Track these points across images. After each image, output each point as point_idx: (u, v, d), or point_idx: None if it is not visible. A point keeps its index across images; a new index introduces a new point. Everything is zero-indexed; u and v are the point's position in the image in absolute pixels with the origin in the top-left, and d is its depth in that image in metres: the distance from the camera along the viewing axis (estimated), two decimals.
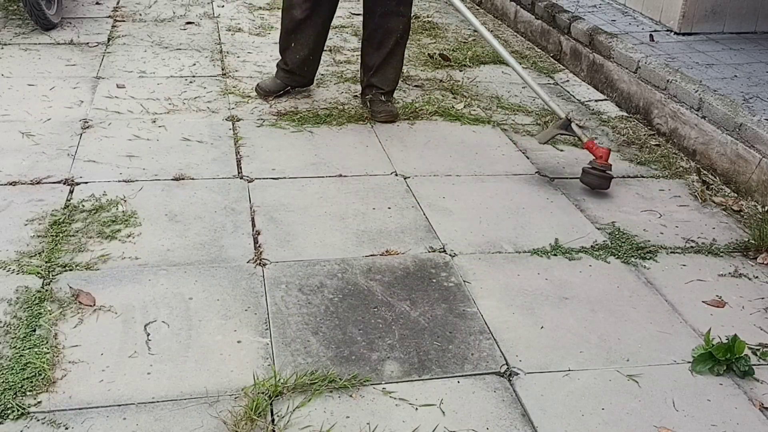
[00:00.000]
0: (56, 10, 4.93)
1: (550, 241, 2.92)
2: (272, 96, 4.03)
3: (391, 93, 3.95)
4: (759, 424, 2.13)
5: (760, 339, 2.47)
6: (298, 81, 4.05)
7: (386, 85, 3.89)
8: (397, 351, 2.30)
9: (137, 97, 3.95)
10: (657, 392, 2.21)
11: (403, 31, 3.80)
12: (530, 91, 4.40)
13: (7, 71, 4.19)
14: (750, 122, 3.41)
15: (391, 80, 3.90)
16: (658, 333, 2.47)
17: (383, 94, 3.88)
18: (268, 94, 4.03)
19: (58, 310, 2.35)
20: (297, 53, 3.90)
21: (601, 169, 3.24)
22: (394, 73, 3.90)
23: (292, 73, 4.00)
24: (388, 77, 3.88)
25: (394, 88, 3.95)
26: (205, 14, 5.47)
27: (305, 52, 3.89)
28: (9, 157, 3.27)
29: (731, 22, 4.63)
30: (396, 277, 2.65)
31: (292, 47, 3.90)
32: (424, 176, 3.36)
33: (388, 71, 3.87)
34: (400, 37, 3.80)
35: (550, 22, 5.10)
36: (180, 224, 2.87)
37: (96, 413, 2.00)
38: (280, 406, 2.06)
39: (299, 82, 4.06)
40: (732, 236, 3.07)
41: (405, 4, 3.76)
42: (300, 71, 3.99)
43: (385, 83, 3.89)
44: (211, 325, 2.35)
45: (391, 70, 3.88)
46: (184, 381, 2.12)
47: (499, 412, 2.09)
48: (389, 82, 3.90)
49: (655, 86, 4.03)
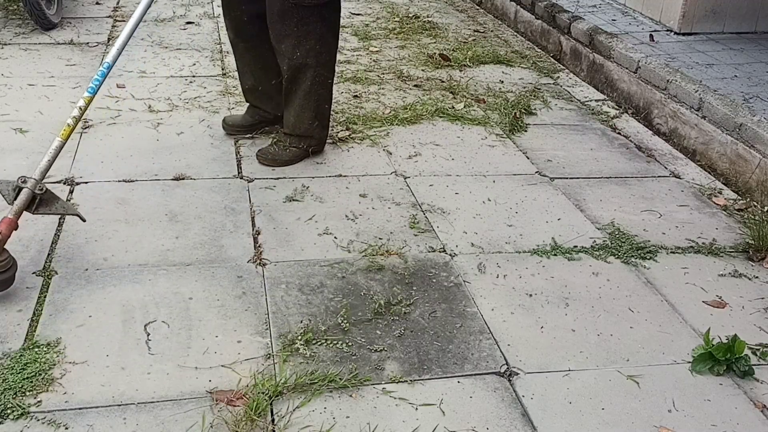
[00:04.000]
0: (56, 10, 4.93)
1: (550, 241, 2.92)
2: (237, 131, 3.54)
3: (290, 137, 3.35)
4: (759, 424, 2.13)
5: (760, 339, 2.47)
6: (263, 115, 3.53)
7: (285, 126, 3.37)
8: (397, 351, 2.30)
9: (137, 97, 3.95)
10: (657, 392, 2.21)
11: (290, 74, 3.19)
12: (532, 90, 4.40)
13: (7, 71, 4.19)
14: (750, 122, 3.41)
15: (289, 123, 3.33)
16: (658, 333, 2.47)
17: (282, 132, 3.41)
18: (234, 128, 3.54)
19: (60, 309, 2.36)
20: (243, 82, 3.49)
21: None
22: (293, 117, 3.30)
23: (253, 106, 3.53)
24: (288, 116, 3.34)
25: (293, 134, 3.33)
26: (205, 14, 5.47)
27: (251, 81, 3.44)
28: (9, 157, 3.27)
29: (731, 22, 4.63)
30: (396, 277, 2.64)
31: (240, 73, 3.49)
32: (424, 176, 3.36)
33: (289, 111, 3.32)
34: (289, 78, 3.20)
35: (550, 22, 5.10)
36: (180, 224, 2.87)
37: (96, 413, 2.00)
38: (280, 406, 2.06)
39: (264, 116, 3.53)
40: (732, 236, 3.07)
41: (286, 44, 3.11)
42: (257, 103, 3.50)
43: (284, 120, 3.38)
44: (211, 325, 2.35)
45: (291, 114, 3.30)
46: (184, 381, 2.12)
47: (499, 412, 2.09)
48: (287, 122, 3.34)
49: (655, 86, 4.03)
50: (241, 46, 3.37)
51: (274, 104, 3.48)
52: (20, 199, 2.28)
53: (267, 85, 3.42)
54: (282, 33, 3.10)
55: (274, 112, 3.50)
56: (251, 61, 3.39)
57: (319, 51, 3.15)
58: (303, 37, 3.10)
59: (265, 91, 3.44)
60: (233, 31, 3.35)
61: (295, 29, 3.08)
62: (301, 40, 3.10)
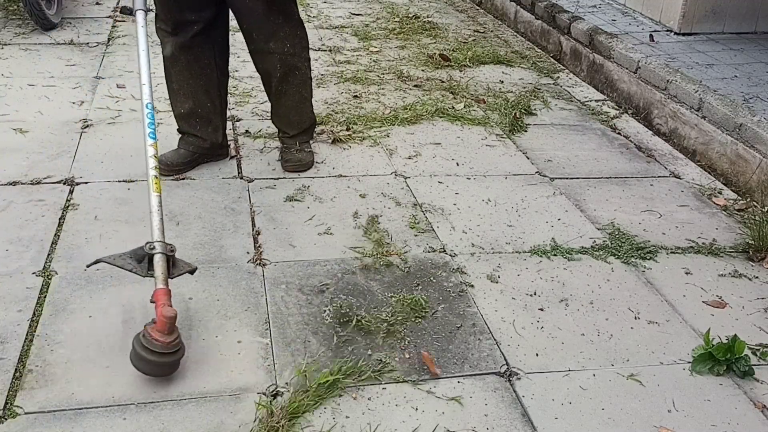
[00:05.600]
0: (56, 10, 4.93)
1: (550, 241, 2.92)
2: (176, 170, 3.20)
3: (299, 136, 3.35)
4: (759, 424, 2.13)
5: (760, 339, 2.47)
6: (199, 145, 3.24)
7: (290, 128, 3.33)
8: (397, 351, 2.30)
9: (137, 97, 3.95)
10: (657, 392, 2.21)
11: (284, 71, 3.13)
12: (532, 90, 4.41)
13: (7, 71, 4.19)
14: (750, 122, 3.41)
15: (294, 122, 3.31)
16: (658, 333, 2.47)
17: (290, 138, 3.34)
18: (171, 168, 3.19)
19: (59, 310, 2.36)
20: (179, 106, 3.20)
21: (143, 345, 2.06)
22: (296, 115, 3.29)
23: (188, 135, 3.24)
24: (289, 119, 3.30)
25: (302, 130, 3.34)
26: None
27: (189, 104, 3.18)
28: (9, 157, 3.27)
29: (731, 22, 4.63)
30: (396, 277, 2.64)
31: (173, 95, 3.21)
32: (424, 176, 3.35)
33: (288, 113, 3.28)
34: (282, 77, 3.14)
35: (550, 22, 5.10)
36: (180, 224, 2.87)
37: (96, 413, 2.00)
38: (280, 406, 2.06)
39: (200, 146, 3.24)
40: (732, 236, 3.07)
41: (275, 41, 3.04)
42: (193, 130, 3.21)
43: (288, 126, 3.33)
44: (211, 325, 2.35)
45: (292, 112, 3.28)
46: (184, 381, 2.12)
47: (499, 412, 2.09)
48: (293, 124, 3.31)
49: (655, 86, 4.03)
50: (183, 60, 3.10)
51: (212, 129, 3.24)
52: (162, 266, 2.18)
53: (206, 107, 3.20)
54: (270, 31, 3.03)
55: (210, 139, 3.24)
56: (193, 79, 3.14)
57: (301, 36, 3.13)
58: (290, 28, 3.07)
59: (204, 114, 3.21)
60: (176, 44, 3.06)
61: (282, 22, 3.03)
62: (288, 32, 3.06)
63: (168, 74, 3.19)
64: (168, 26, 3.05)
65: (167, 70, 3.17)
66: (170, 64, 3.14)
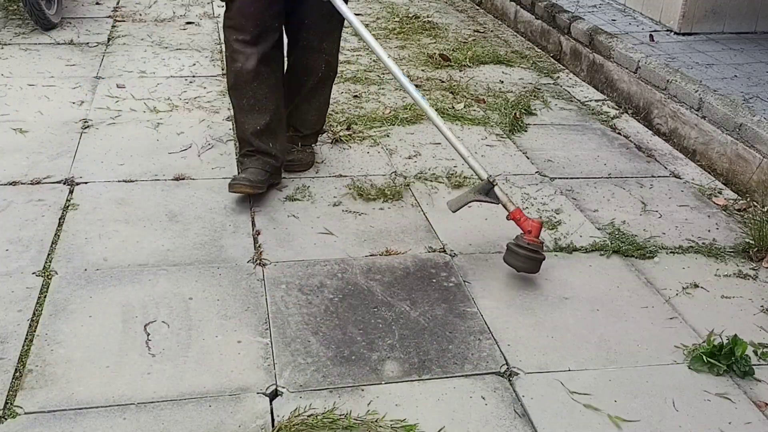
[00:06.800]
0: (56, 10, 4.93)
1: (550, 241, 2.92)
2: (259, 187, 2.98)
3: (310, 137, 3.35)
4: (759, 424, 2.13)
5: (760, 339, 2.47)
6: (272, 164, 3.06)
7: (305, 128, 3.30)
8: (397, 351, 2.30)
9: (137, 97, 3.95)
10: (657, 392, 2.21)
11: (326, 71, 3.14)
12: (532, 90, 4.41)
13: (7, 71, 4.19)
14: (750, 122, 3.41)
15: (311, 122, 3.30)
16: (658, 333, 2.47)
17: (301, 138, 3.31)
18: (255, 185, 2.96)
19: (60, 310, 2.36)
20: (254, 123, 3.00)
21: (528, 247, 2.57)
22: (316, 115, 3.29)
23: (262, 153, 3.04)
24: (308, 119, 3.28)
25: (315, 131, 3.36)
26: (205, 14, 5.47)
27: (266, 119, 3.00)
28: (9, 157, 3.27)
29: (731, 22, 4.63)
30: (396, 277, 2.64)
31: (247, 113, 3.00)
32: (424, 176, 3.35)
33: (309, 112, 3.26)
34: (322, 77, 3.16)
35: (550, 22, 5.10)
36: (180, 224, 2.87)
37: (96, 413, 2.00)
38: (280, 406, 2.06)
39: (272, 165, 3.07)
40: (732, 236, 3.07)
41: (329, 41, 3.07)
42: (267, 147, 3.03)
43: (304, 125, 3.29)
44: (211, 325, 2.35)
45: (313, 112, 3.27)
46: (184, 381, 2.12)
47: (499, 412, 2.09)
48: (309, 124, 3.30)
49: (655, 86, 4.03)
50: (264, 72, 2.93)
51: (281, 146, 3.10)
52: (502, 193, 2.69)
53: (281, 122, 3.10)
54: (327, 30, 3.05)
55: (281, 157, 3.11)
56: (270, 92, 2.97)
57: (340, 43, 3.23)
58: (339, 32, 3.14)
59: (279, 129, 3.08)
60: (259, 55, 2.89)
61: (336, 24, 3.08)
62: (337, 36, 3.13)
63: (241, 91, 2.95)
64: (250, 35, 2.86)
65: (242, 86, 2.93)
66: (250, 79, 2.90)
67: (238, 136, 3.11)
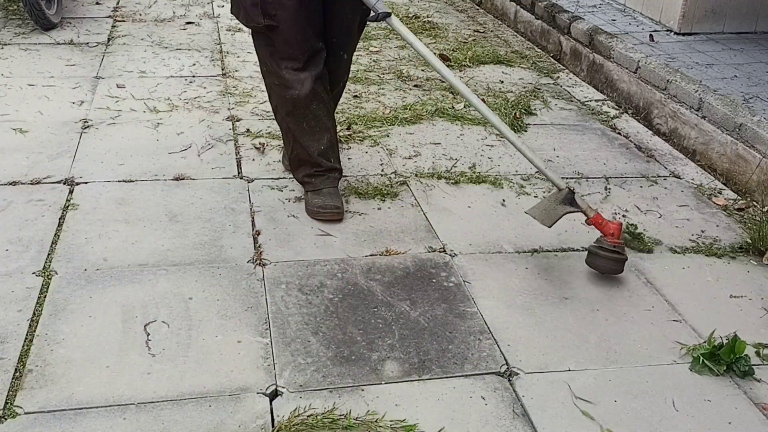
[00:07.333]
0: (56, 10, 4.93)
1: (550, 240, 2.92)
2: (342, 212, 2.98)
3: None
4: (759, 424, 2.13)
5: (760, 339, 2.47)
6: (338, 178, 3.07)
7: None
8: (397, 351, 2.30)
9: (137, 97, 3.95)
10: (657, 392, 2.21)
11: (346, 79, 3.19)
12: (532, 90, 4.40)
13: (7, 71, 4.19)
14: (750, 122, 3.41)
15: None
16: (658, 333, 2.47)
17: None
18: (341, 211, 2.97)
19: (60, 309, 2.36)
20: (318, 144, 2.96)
21: (613, 249, 2.66)
22: None
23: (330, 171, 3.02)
24: None
25: None
26: (205, 14, 5.47)
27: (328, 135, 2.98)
28: (9, 157, 3.27)
29: (731, 22, 4.63)
30: (396, 277, 2.64)
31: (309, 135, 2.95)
32: (424, 176, 3.35)
33: None
34: (343, 85, 3.21)
35: (550, 22, 5.10)
36: (180, 224, 2.87)
37: (96, 413, 2.00)
38: (280, 406, 2.06)
39: (338, 179, 3.07)
40: (732, 236, 3.07)
41: (349, 50, 3.06)
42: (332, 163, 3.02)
43: None
44: (211, 325, 2.35)
45: None
46: (184, 381, 2.12)
47: (499, 412, 2.09)
48: None
49: (655, 86, 4.03)
50: (320, 92, 2.90)
51: (337, 157, 3.05)
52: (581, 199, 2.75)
53: (336, 135, 3.06)
54: (352, 43, 3.05)
55: (341, 169, 3.08)
56: (326, 108, 2.95)
57: None
58: (356, 43, 3.12)
59: (335, 140, 3.03)
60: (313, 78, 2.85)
61: (357, 36, 3.07)
62: (354, 46, 3.10)
63: (301, 116, 2.90)
64: (299, 62, 2.82)
65: (301, 111, 2.88)
66: (309, 102, 2.86)
67: (299, 158, 3.01)
